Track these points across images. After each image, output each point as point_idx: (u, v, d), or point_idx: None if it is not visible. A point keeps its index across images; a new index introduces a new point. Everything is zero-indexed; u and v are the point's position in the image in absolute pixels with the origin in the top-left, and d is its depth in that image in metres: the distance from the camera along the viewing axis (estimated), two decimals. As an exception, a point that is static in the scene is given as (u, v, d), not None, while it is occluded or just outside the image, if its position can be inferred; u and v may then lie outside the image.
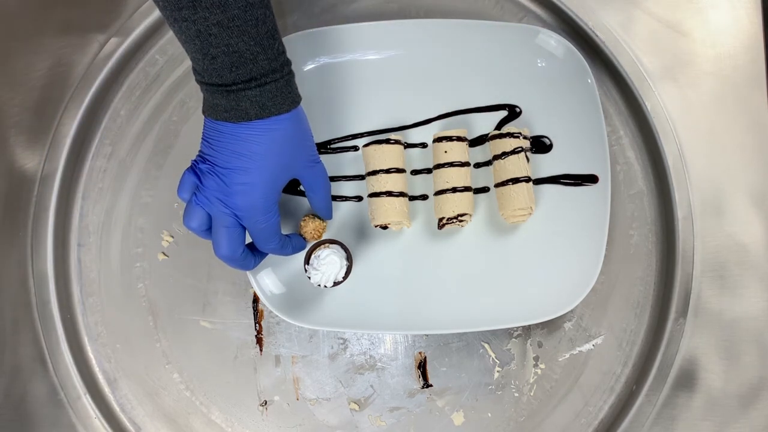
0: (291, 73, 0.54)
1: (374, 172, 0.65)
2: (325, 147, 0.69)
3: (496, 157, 0.66)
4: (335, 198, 0.68)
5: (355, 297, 0.66)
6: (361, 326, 0.66)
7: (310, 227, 0.65)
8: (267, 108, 0.52)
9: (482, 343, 0.68)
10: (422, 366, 0.68)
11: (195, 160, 0.55)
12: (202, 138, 0.55)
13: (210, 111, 0.53)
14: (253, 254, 0.60)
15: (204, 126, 0.55)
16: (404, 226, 0.67)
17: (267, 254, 0.62)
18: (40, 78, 0.71)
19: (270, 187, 0.55)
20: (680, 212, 0.67)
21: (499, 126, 0.69)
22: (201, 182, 0.54)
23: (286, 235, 0.61)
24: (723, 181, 0.68)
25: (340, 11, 0.73)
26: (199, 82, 0.53)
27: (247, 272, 0.66)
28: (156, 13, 0.72)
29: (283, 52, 0.53)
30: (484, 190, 0.68)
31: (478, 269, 0.67)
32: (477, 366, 0.68)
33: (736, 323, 0.66)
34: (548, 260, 0.66)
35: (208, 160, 0.54)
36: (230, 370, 0.68)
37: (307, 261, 0.65)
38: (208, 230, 0.55)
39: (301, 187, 0.68)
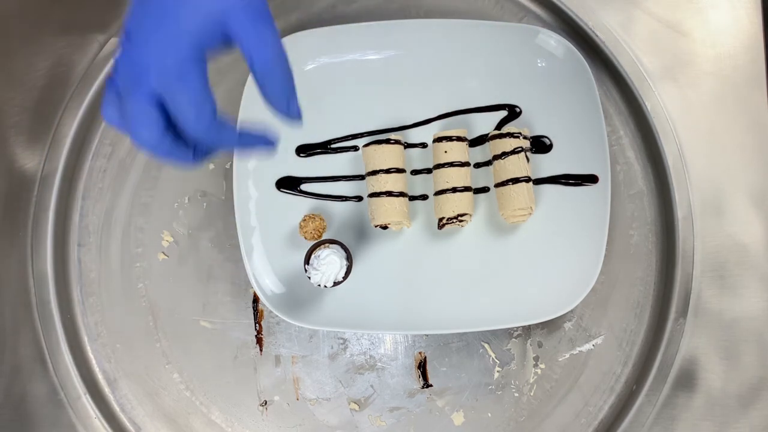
0: None
1: (374, 172, 0.65)
2: (325, 147, 0.69)
3: (496, 157, 0.66)
4: (335, 198, 0.68)
5: (355, 297, 0.66)
6: (361, 326, 0.66)
7: (310, 227, 0.65)
8: None
9: (482, 343, 0.68)
10: (422, 366, 0.68)
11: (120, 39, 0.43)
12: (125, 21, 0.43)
13: None
14: (186, 144, 0.44)
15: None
16: (404, 226, 0.67)
17: (213, 148, 0.45)
18: (40, 78, 0.71)
19: (187, 35, 0.40)
20: (680, 212, 0.67)
21: (499, 126, 0.69)
22: (119, 59, 0.42)
23: (240, 130, 0.45)
24: (723, 181, 0.68)
25: (340, 11, 0.73)
26: None
27: (248, 273, 0.66)
28: (156, 13, 0.72)
29: None
30: (484, 190, 0.68)
31: (478, 269, 0.67)
32: (477, 366, 0.68)
33: (736, 323, 0.66)
34: (548, 260, 0.66)
35: (126, 30, 0.42)
36: (230, 370, 0.68)
37: (307, 261, 0.65)
38: (167, 130, 0.42)
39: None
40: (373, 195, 0.65)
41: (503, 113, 0.69)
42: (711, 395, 0.65)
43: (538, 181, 0.68)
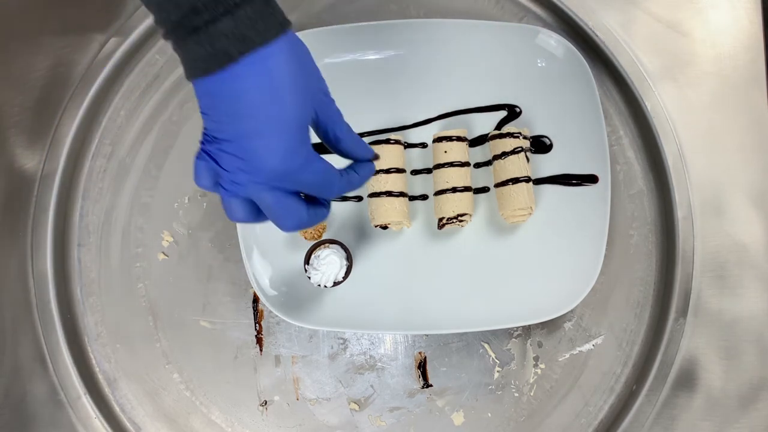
0: None
1: (374, 172, 0.65)
2: (324, 147, 0.69)
3: (496, 157, 0.66)
4: (335, 198, 0.68)
5: (355, 297, 0.66)
6: (361, 326, 0.66)
7: (309, 228, 0.65)
8: (249, 39, 0.40)
9: (482, 343, 0.68)
10: (422, 366, 0.68)
11: (202, 141, 0.45)
12: (201, 112, 0.45)
13: (190, 69, 0.42)
14: (320, 204, 0.48)
15: (196, 95, 0.44)
16: (404, 226, 0.67)
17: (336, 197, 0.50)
18: (40, 78, 0.71)
19: (296, 138, 0.43)
20: (680, 212, 0.67)
21: (499, 126, 0.69)
22: (220, 166, 0.43)
23: (346, 169, 0.50)
24: (723, 181, 0.68)
25: (340, 11, 0.73)
26: (165, 37, 0.42)
27: (248, 272, 0.66)
28: (156, 13, 0.72)
29: None
30: (484, 190, 0.68)
31: (478, 269, 0.67)
32: (477, 366, 0.68)
33: (736, 323, 0.66)
34: (548, 260, 0.66)
35: (216, 137, 0.43)
36: (230, 370, 0.68)
37: (307, 261, 0.65)
38: (259, 213, 0.46)
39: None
40: (373, 195, 0.65)
41: (503, 113, 0.69)
42: (711, 395, 0.65)
43: (538, 181, 0.68)
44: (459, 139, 0.66)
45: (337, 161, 0.49)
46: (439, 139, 0.66)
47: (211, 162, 0.44)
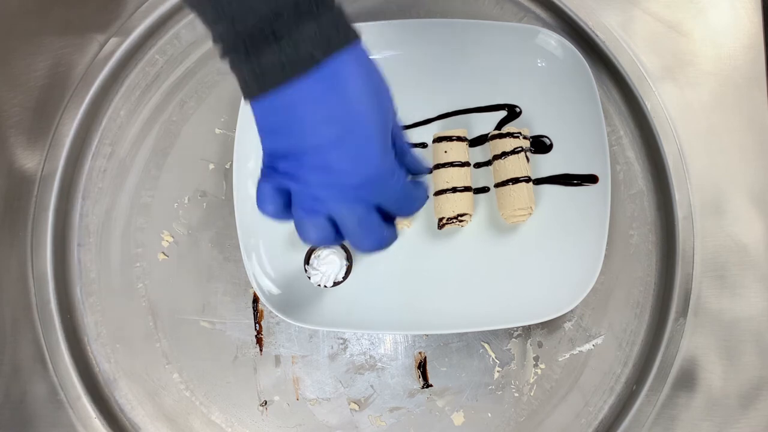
0: None
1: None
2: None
3: (496, 157, 0.66)
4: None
5: (355, 297, 0.66)
6: (361, 326, 0.66)
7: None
8: (334, 39, 0.37)
9: (482, 343, 0.68)
10: (422, 366, 0.68)
11: (265, 165, 0.42)
12: (260, 134, 0.41)
13: (261, 81, 0.38)
14: (392, 226, 0.46)
15: (256, 117, 0.41)
16: (404, 226, 0.67)
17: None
18: (40, 78, 0.71)
19: (383, 142, 0.40)
20: (680, 212, 0.67)
21: (499, 126, 0.69)
22: (295, 181, 0.41)
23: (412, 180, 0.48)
24: (723, 181, 0.68)
25: (340, 11, 0.73)
26: (230, 51, 0.39)
27: (248, 272, 0.66)
28: (156, 13, 0.72)
29: None
30: (484, 190, 0.68)
31: (478, 269, 0.67)
32: (477, 366, 0.68)
33: (736, 323, 0.66)
34: (548, 260, 0.66)
35: (289, 155, 0.40)
36: (230, 370, 0.68)
37: (307, 261, 0.65)
38: (337, 233, 0.43)
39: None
40: (373, 195, 0.65)
41: (503, 113, 0.69)
42: (711, 395, 0.65)
43: (538, 181, 0.68)
44: (459, 139, 0.66)
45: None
46: (439, 139, 0.66)
47: (283, 182, 0.41)
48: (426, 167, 0.49)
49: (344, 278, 0.64)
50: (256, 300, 0.69)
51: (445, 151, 0.65)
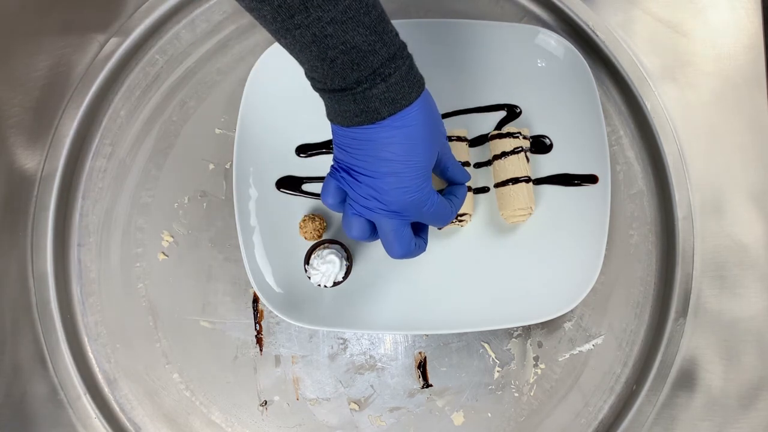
0: (410, 56, 0.50)
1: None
2: (326, 147, 0.69)
3: (496, 157, 0.66)
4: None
5: (355, 297, 0.66)
6: (361, 326, 0.66)
7: (309, 227, 0.65)
8: (397, 101, 0.48)
9: (482, 343, 0.68)
10: (422, 366, 0.68)
11: (335, 167, 0.53)
12: (335, 144, 0.53)
13: (338, 118, 0.50)
14: (422, 240, 0.58)
15: (333, 132, 0.52)
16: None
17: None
18: (40, 78, 0.71)
19: (423, 177, 0.52)
20: (680, 212, 0.67)
21: (499, 126, 0.69)
22: (352, 189, 0.52)
23: (447, 196, 0.59)
24: (723, 181, 0.68)
25: (340, 11, 0.73)
26: (318, 89, 0.50)
27: (248, 272, 0.66)
28: (156, 13, 0.72)
29: (397, 34, 0.49)
30: (484, 190, 0.68)
31: (478, 269, 0.67)
32: (477, 366, 0.68)
33: (736, 323, 0.66)
34: (548, 260, 0.66)
35: (352, 169, 0.51)
36: (230, 370, 0.68)
37: (307, 261, 0.65)
38: (373, 234, 0.54)
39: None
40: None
41: (503, 113, 0.69)
42: (711, 395, 0.65)
43: (538, 181, 0.68)
44: (459, 139, 0.66)
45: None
46: (439, 139, 0.66)
47: (343, 185, 0.53)
48: (466, 177, 0.60)
49: (344, 278, 0.64)
50: (256, 300, 0.69)
51: (445, 151, 0.65)
